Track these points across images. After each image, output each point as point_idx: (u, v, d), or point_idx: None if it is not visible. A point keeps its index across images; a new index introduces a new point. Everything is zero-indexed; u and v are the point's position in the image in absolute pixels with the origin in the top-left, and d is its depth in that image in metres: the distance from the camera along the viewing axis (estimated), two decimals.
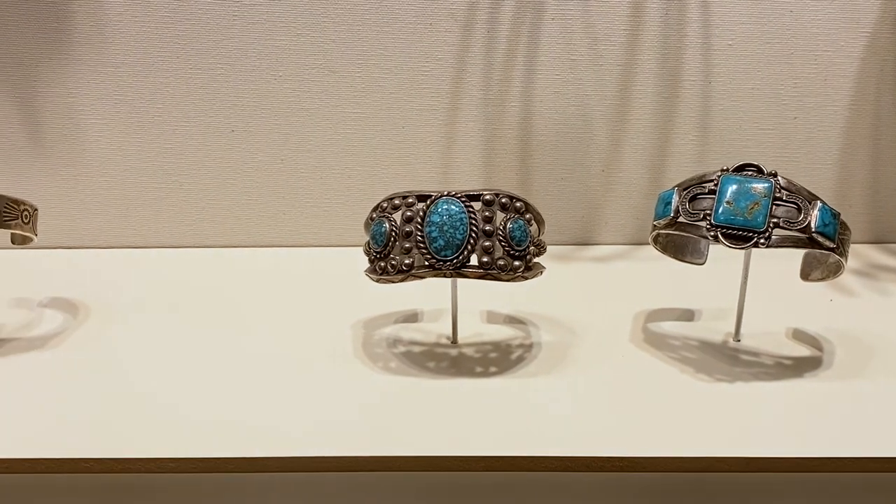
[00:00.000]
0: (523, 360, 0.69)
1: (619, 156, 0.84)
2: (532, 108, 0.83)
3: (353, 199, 0.86)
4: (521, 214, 0.64)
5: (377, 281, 0.65)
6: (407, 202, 0.64)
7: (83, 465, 0.58)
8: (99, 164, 0.85)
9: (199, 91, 0.83)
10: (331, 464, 0.59)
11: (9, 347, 0.71)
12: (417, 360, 0.69)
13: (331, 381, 0.66)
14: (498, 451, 0.58)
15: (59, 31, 0.81)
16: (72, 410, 0.63)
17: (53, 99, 0.83)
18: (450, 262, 0.62)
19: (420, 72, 0.82)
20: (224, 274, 0.84)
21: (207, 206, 0.86)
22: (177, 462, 0.58)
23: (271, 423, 0.61)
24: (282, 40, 0.81)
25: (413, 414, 0.62)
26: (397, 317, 0.75)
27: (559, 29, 0.81)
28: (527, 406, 0.63)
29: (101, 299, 0.78)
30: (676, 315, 0.75)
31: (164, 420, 0.61)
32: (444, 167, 0.85)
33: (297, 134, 0.84)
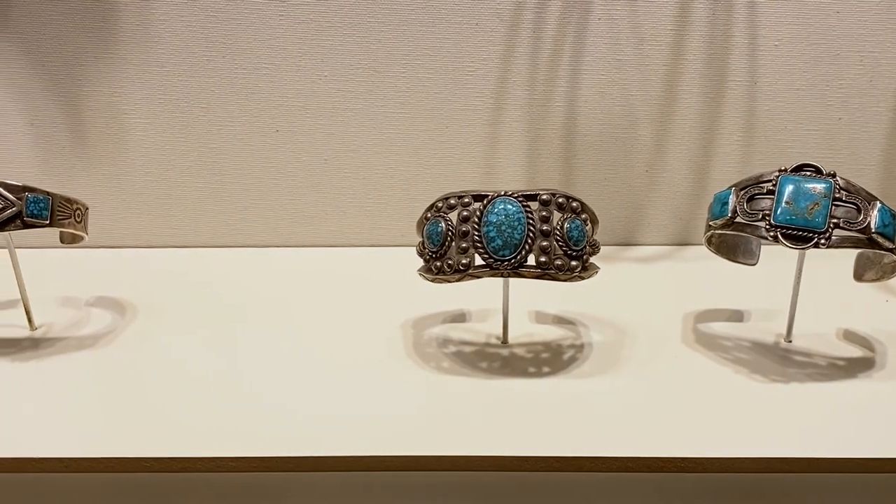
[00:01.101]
0: (576, 361, 0.69)
1: (663, 156, 0.84)
2: (577, 108, 0.83)
3: (395, 200, 0.86)
4: (578, 214, 0.64)
5: (432, 281, 0.65)
6: (463, 202, 0.64)
7: (144, 464, 0.58)
8: (142, 163, 0.85)
9: (243, 91, 0.83)
10: (389, 463, 0.59)
11: (60, 346, 0.71)
12: (469, 360, 0.69)
13: (385, 382, 0.66)
14: (558, 452, 0.58)
15: (104, 31, 0.81)
16: (129, 410, 0.63)
17: (98, 99, 0.83)
18: (507, 261, 0.62)
19: (465, 72, 0.82)
20: (267, 274, 0.84)
21: (250, 205, 0.86)
22: (237, 461, 0.58)
23: (326, 424, 0.61)
24: (327, 40, 0.81)
25: (469, 414, 0.62)
26: (445, 317, 0.75)
27: (605, 29, 0.80)
28: (583, 406, 0.63)
29: (148, 299, 0.78)
30: (726, 316, 0.75)
31: (220, 420, 0.61)
32: (487, 167, 0.85)
33: (341, 134, 0.84)
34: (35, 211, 0.65)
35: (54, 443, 0.59)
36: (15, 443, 0.59)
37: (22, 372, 0.67)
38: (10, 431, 0.60)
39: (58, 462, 0.58)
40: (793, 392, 0.65)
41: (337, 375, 0.67)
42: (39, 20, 0.81)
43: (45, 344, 0.71)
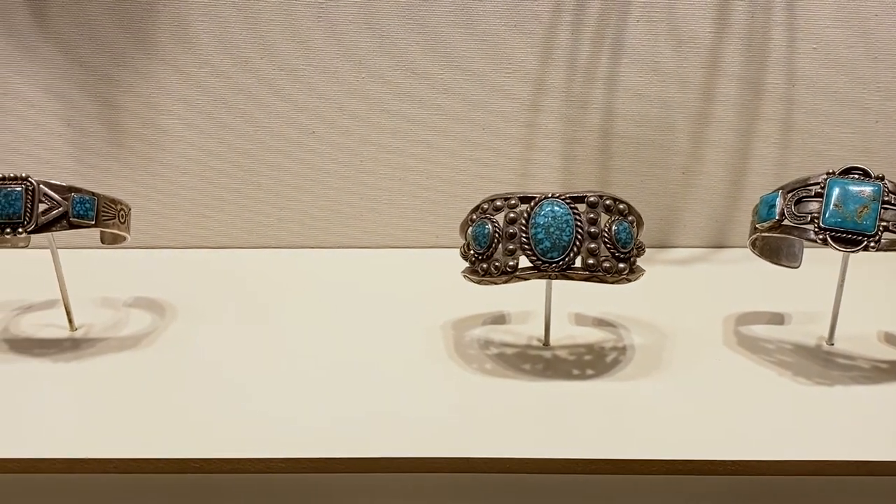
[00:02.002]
0: (619, 363, 0.68)
1: (700, 158, 0.84)
2: (614, 110, 0.83)
3: (430, 201, 0.86)
4: (625, 216, 0.64)
5: (478, 282, 0.65)
6: (509, 203, 0.64)
7: (192, 465, 0.58)
8: (179, 164, 0.85)
9: (280, 92, 0.83)
10: (436, 465, 0.58)
11: (101, 347, 0.71)
12: (512, 361, 0.69)
13: (428, 383, 0.66)
14: (609, 455, 0.58)
15: (143, 32, 0.81)
16: (173, 411, 0.63)
17: (134, 99, 0.83)
18: (555, 263, 0.62)
19: (502, 73, 0.82)
20: (303, 275, 0.83)
21: (286, 206, 0.86)
22: (286, 462, 0.58)
23: (371, 425, 0.61)
24: (366, 42, 0.81)
25: (515, 416, 0.62)
26: (484, 318, 0.75)
27: (644, 31, 0.80)
28: (630, 409, 0.63)
29: (187, 300, 0.78)
30: (766, 318, 0.75)
31: (265, 421, 0.61)
32: (523, 169, 0.85)
33: (377, 135, 0.84)
34: (81, 211, 0.65)
35: (101, 444, 0.59)
36: (62, 443, 0.59)
37: (64, 372, 0.67)
38: (58, 432, 0.60)
39: (107, 463, 0.58)
40: (837, 395, 0.65)
41: (379, 377, 0.66)
42: (77, 21, 0.81)
43: (86, 344, 0.71)
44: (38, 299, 0.78)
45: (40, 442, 0.59)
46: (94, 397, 0.64)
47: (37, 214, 0.64)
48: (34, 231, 0.64)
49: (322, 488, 0.62)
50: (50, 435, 0.60)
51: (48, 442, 0.59)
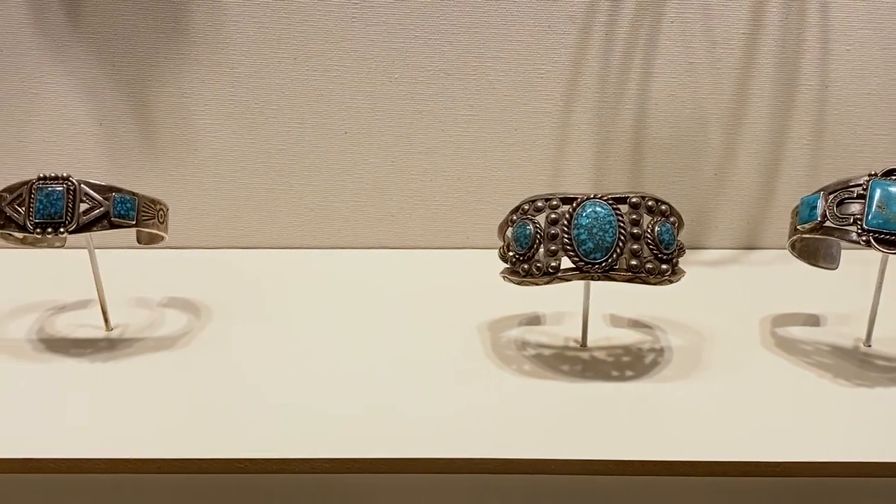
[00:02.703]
0: (658, 365, 0.68)
1: (733, 159, 0.84)
2: (647, 111, 0.83)
3: (461, 202, 0.86)
4: (666, 217, 0.64)
5: (519, 283, 0.65)
6: (551, 204, 0.64)
7: (237, 465, 0.58)
8: (211, 164, 0.85)
9: (313, 92, 0.83)
10: (480, 466, 0.58)
11: (138, 347, 0.71)
12: (550, 362, 0.69)
13: (467, 384, 0.66)
14: (655, 456, 0.58)
15: (176, 32, 0.81)
16: (217, 410, 0.62)
17: (167, 99, 0.83)
18: (598, 264, 0.62)
19: (535, 74, 0.82)
20: (334, 275, 0.83)
21: (317, 207, 0.86)
22: (331, 463, 0.58)
23: (414, 427, 0.61)
24: (399, 43, 0.81)
25: (556, 417, 0.62)
26: (519, 319, 0.75)
27: (678, 31, 0.80)
28: (671, 410, 0.63)
29: (221, 300, 0.78)
30: (801, 320, 0.75)
31: (305, 420, 0.61)
32: (555, 170, 0.85)
33: (409, 136, 0.84)
34: (122, 211, 0.65)
35: (145, 444, 0.59)
36: (104, 443, 0.59)
37: (102, 372, 0.67)
38: (101, 432, 0.60)
39: (151, 463, 0.58)
40: (878, 396, 0.64)
41: (417, 378, 0.66)
42: (111, 21, 0.81)
43: (123, 345, 0.71)
44: (71, 299, 0.78)
45: (82, 442, 0.59)
46: (135, 397, 0.64)
47: (78, 214, 0.64)
48: (75, 231, 0.64)
49: (356, 488, 0.61)
50: (92, 435, 0.60)
51: (90, 442, 0.59)
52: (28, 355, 0.69)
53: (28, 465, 0.59)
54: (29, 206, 0.64)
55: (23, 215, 0.64)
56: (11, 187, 0.65)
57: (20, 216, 0.64)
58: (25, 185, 0.64)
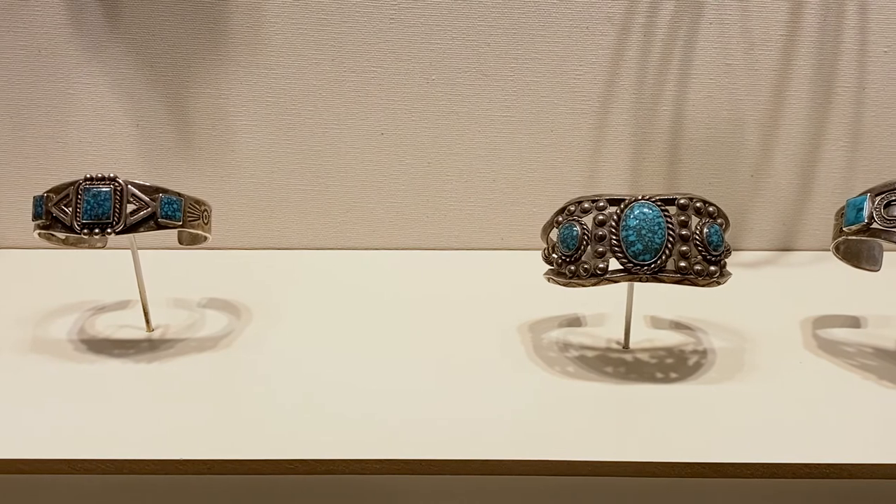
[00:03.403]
0: (701, 367, 0.68)
1: (769, 161, 0.84)
2: (684, 112, 0.83)
3: (496, 203, 0.86)
4: (714, 219, 0.64)
5: (565, 285, 0.65)
6: (598, 205, 0.64)
7: (287, 466, 0.58)
8: (248, 165, 0.85)
9: (350, 94, 0.83)
10: (528, 468, 0.58)
11: (181, 348, 0.71)
12: (594, 364, 0.69)
13: (511, 386, 0.66)
14: (701, 458, 0.58)
15: (214, 33, 0.81)
16: (265, 411, 0.62)
17: (205, 100, 0.83)
18: (647, 266, 0.61)
19: (573, 75, 0.82)
20: (370, 276, 0.83)
21: (352, 208, 0.86)
22: (381, 464, 0.58)
23: (459, 428, 0.61)
24: (436, 44, 0.81)
25: (603, 419, 0.62)
26: (559, 321, 0.75)
27: (716, 33, 0.80)
28: (719, 412, 0.63)
29: (260, 300, 0.78)
30: (842, 322, 0.74)
31: (350, 421, 0.61)
32: (591, 171, 0.85)
33: (446, 137, 0.84)
34: (169, 212, 0.65)
35: (196, 445, 0.59)
36: (155, 444, 0.59)
37: (145, 373, 0.67)
38: (150, 432, 0.60)
39: (202, 464, 0.58)
40: None
41: (460, 379, 0.66)
42: (149, 22, 0.81)
43: (165, 345, 0.71)
44: (109, 300, 0.78)
45: (131, 443, 0.59)
46: (180, 398, 0.64)
47: (125, 215, 0.64)
48: (122, 231, 0.64)
49: (397, 489, 0.61)
50: (141, 436, 0.60)
51: (139, 443, 0.59)
52: (71, 356, 0.70)
53: (77, 466, 0.59)
54: (76, 206, 0.64)
55: (70, 216, 0.64)
56: (58, 188, 0.65)
57: (67, 217, 0.64)
58: (72, 186, 0.64)
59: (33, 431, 0.60)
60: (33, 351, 0.70)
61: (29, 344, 0.71)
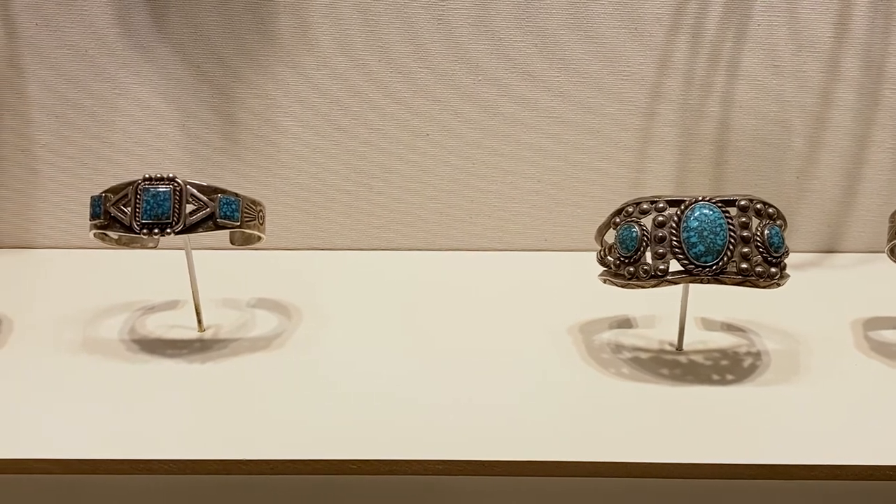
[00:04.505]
0: (757, 368, 0.68)
1: (815, 163, 0.84)
2: (731, 114, 0.83)
3: (540, 204, 0.86)
4: (773, 221, 0.64)
5: (623, 286, 0.65)
6: (657, 206, 0.64)
7: (350, 466, 0.58)
8: (293, 166, 0.85)
9: (397, 94, 0.82)
10: (590, 469, 0.58)
11: (234, 348, 0.71)
12: (648, 366, 0.68)
13: (568, 387, 0.66)
14: (764, 459, 0.58)
15: (262, 33, 0.81)
16: (324, 411, 0.62)
17: (251, 101, 0.83)
18: (709, 268, 0.61)
19: (620, 76, 0.82)
20: (415, 277, 0.83)
21: (396, 208, 0.86)
22: (444, 464, 0.58)
23: (518, 428, 0.61)
24: (484, 44, 0.81)
25: (664, 421, 0.62)
26: (610, 322, 0.75)
27: (764, 34, 0.80)
28: (780, 414, 0.63)
29: (307, 301, 0.78)
30: (892, 323, 0.74)
31: (417, 422, 0.61)
32: (637, 172, 0.84)
33: (491, 138, 0.84)
34: (227, 212, 0.65)
35: (256, 445, 0.59)
36: (217, 444, 0.59)
37: (200, 373, 0.67)
38: (212, 432, 0.60)
39: (264, 465, 0.58)
40: None
41: (515, 380, 0.66)
42: (196, 22, 0.81)
43: (218, 345, 0.71)
44: (158, 300, 0.78)
45: (192, 443, 0.59)
46: (237, 398, 0.64)
47: (184, 215, 0.64)
48: (181, 232, 0.64)
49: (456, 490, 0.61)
50: (202, 435, 0.60)
51: (201, 443, 0.59)
52: (124, 356, 0.70)
53: (140, 467, 0.59)
54: (135, 206, 0.64)
55: (129, 216, 0.64)
56: (116, 188, 0.65)
57: (126, 217, 0.64)
58: (131, 186, 0.64)
59: (95, 431, 0.60)
60: (86, 351, 0.70)
61: (81, 344, 0.71)
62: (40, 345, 0.71)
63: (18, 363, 0.68)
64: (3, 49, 0.81)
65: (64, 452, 0.58)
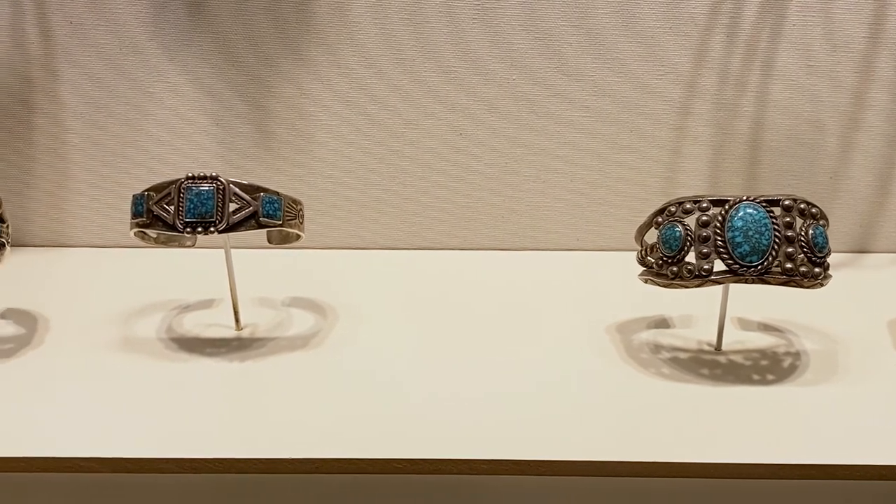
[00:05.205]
0: (797, 369, 0.68)
1: (848, 163, 0.84)
2: (765, 114, 0.82)
3: (573, 203, 0.86)
4: (816, 220, 0.64)
5: (666, 286, 0.65)
6: (701, 206, 0.64)
7: (395, 465, 0.58)
8: (326, 165, 0.85)
9: (431, 93, 0.82)
10: (634, 469, 0.58)
11: (272, 347, 0.71)
12: (688, 366, 0.68)
13: (608, 387, 0.66)
14: (812, 460, 0.58)
15: (297, 31, 0.81)
16: (366, 410, 0.63)
17: (285, 100, 0.83)
18: (754, 268, 0.61)
19: (654, 76, 0.82)
20: (447, 276, 0.83)
21: (427, 208, 0.86)
22: (489, 464, 0.58)
23: (562, 427, 0.61)
24: (518, 44, 0.81)
25: (703, 421, 0.62)
26: (647, 322, 0.75)
27: (799, 35, 0.80)
28: (822, 414, 0.63)
29: (341, 300, 0.78)
30: None
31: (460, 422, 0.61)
32: (669, 172, 0.84)
33: (524, 137, 0.84)
34: (270, 211, 0.65)
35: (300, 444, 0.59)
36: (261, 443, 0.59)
37: (240, 372, 0.67)
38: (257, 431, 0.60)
39: (309, 463, 0.58)
40: None
41: (556, 380, 0.66)
42: (231, 20, 0.81)
43: (256, 344, 0.71)
44: (193, 299, 0.78)
45: (237, 442, 0.59)
46: (278, 396, 0.64)
47: (227, 214, 0.64)
48: (224, 230, 0.64)
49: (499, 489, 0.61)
50: (246, 435, 0.60)
51: (245, 442, 0.59)
52: (163, 354, 0.70)
53: (185, 465, 0.59)
54: (178, 205, 0.64)
55: (172, 214, 0.64)
56: (158, 186, 0.65)
57: (169, 215, 0.64)
58: (174, 185, 0.64)
59: (141, 430, 0.60)
60: (125, 350, 0.70)
61: (120, 343, 0.71)
62: (79, 344, 0.71)
63: (58, 362, 0.68)
64: (38, 47, 0.81)
65: (109, 451, 0.58)
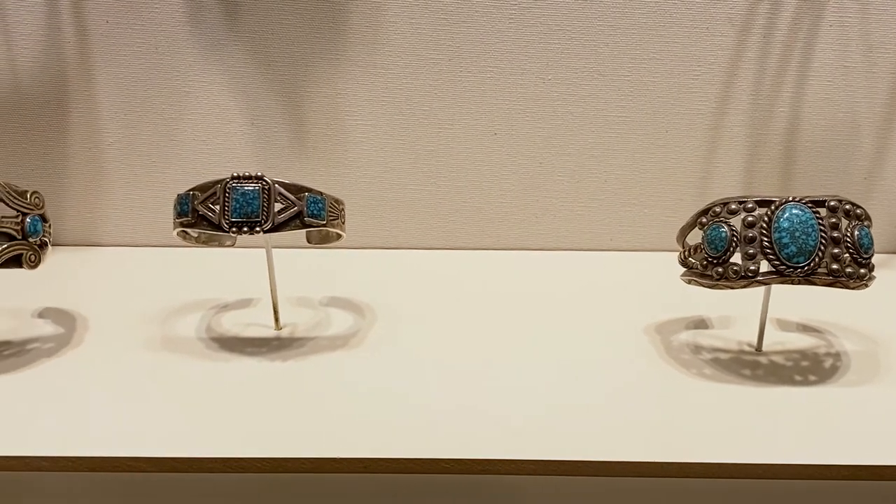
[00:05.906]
0: (838, 369, 0.68)
1: (883, 164, 0.84)
2: (800, 114, 0.82)
3: (606, 203, 0.86)
4: (861, 222, 0.64)
5: (711, 287, 0.65)
6: (746, 206, 0.64)
7: (443, 465, 0.58)
8: (360, 165, 0.85)
9: (466, 93, 0.83)
10: (684, 470, 0.58)
11: (312, 346, 0.71)
12: (729, 367, 0.68)
13: (652, 388, 0.66)
14: (855, 460, 0.58)
15: (333, 31, 0.81)
16: (411, 409, 0.62)
17: (321, 100, 0.83)
18: (800, 268, 0.61)
19: (690, 76, 0.82)
20: (483, 276, 0.83)
21: (462, 208, 0.86)
22: (536, 465, 0.58)
23: (606, 428, 0.61)
24: (555, 44, 0.81)
25: (746, 422, 0.62)
26: (686, 323, 0.75)
27: (835, 35, 0.80)
28: (864, 414, 0.62)
29: (378, 299, 0.78)
30: None
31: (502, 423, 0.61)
32: (704, 172, 0.84)
33: (559, 137, 0.84)
34: (315, 211, 0.65)
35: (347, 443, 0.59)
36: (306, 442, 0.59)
37: (281, 371, 0.67)
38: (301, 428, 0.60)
39: (357, 463, 0.58)
40: None
41: (598, 381, 0.66)
42: (267, 21, 0.81)
43: (296, 344, 0.71)
44: (231, 298, 0.78)
45: (286, 441, 0.59)
46: (321, 396, 0.64)
47: (273, 214, 0.64)
48: (270, 230, 0.64)
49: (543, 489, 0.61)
50: (294, 434, 0.60)
51: (292, 441, 0.59)
52: (204, 354, 0.70)
53: (230, 465, 0.59)
54: (224, 204, 0.64)
55: (218, 214, 0.64)
56: (203, 186, 0.65)
57: (215, 215, 0.64)
58: (219, 184, 0.65)
59: (184, 429, 0.60)
60: (166, 349, 0.70)
61: (160, 342, 0.71)
62: (119, 343, 0.71)
63: (98, 361, 0.68)
64: (74, 46, 0.82)
65: (155, 450, 0.58)
